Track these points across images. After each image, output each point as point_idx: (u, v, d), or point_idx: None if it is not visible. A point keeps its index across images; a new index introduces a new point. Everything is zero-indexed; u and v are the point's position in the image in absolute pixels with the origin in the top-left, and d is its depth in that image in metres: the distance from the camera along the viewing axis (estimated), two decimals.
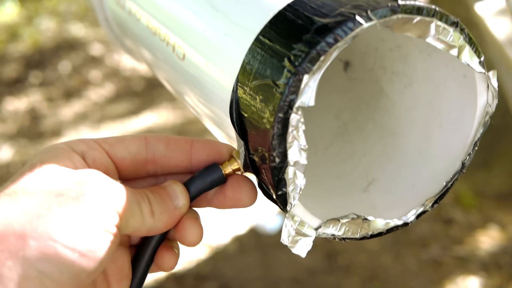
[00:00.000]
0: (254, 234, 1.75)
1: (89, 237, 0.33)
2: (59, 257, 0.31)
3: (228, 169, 0.40)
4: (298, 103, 0.34)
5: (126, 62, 2.92)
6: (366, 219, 0.40)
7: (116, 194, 0.35)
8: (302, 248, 0.39)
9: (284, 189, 0.36)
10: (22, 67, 2.95)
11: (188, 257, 1.66)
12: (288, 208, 0.37)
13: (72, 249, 0.32)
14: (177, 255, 0.41)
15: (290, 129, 0.34)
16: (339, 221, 0.39)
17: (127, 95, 2.66)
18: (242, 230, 1.77)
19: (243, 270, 1.64)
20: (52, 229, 0.32)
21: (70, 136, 2.35)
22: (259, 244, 1.72)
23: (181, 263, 1.64)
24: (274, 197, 0.38)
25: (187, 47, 0.45)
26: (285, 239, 0.38)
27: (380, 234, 0.41)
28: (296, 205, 0.37)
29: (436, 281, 1.58)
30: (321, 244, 1.72)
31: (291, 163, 0.35)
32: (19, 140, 2.36)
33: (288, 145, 0.35)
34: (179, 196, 0.38)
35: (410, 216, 0.42)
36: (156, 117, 2.47)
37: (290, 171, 0.35)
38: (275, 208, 1.83)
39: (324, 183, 0.48)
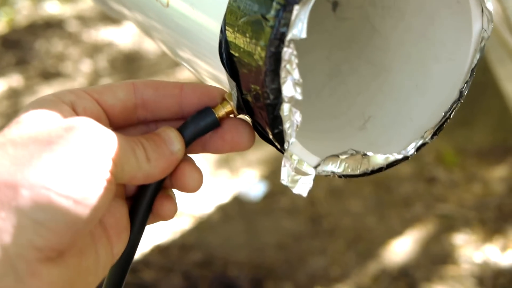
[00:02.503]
0: (238, 202, 1.75)
1: (83, 183, 0.31)
2: (53, 205, 0.30)
3: (221, 112, 0.39)
4: (289, 36, 0.33)
5: (104, 37, 2.88)
6: (365, 154, 0.39)
7: (109, 140, 0.34)
8: (302, 187, 0.38)
9: (280, 127, 0.35)
10: None
11: (172, 228, 1.65)
12: (285, 146, 0.36)
13: (66, 196, 0.31)
14: (175, 203, 0.40)
15: (283, 64, 0.33)
16: (338, 157, 0.39)
17: (106, 70, 2.63)
18: (225, 198, 1.76)
19: (228, 238, 1.64)
20: (44, 177, 0.31)
21: None
22: (242, 212, 1.72)
23: (165, 234, 1.63)
24: (271, 136, 0.37)
25: None
26: (284, 179, 0.37)
27: (380, 169, 0.40)
28: (293, 143, 0.36)
29: (421, 240, 1.59)
30: (304, 208, 1.72)
31: (286, 99, 0.34)
32: None
33: (282, 81, 0.34)
34: (174, 141, 0.38)
35: (410, 150, 0.41)
36: None
37: (285, 107, 0.35)
38: (258, 175, 1.83)
39: (319, 124, 0.47)
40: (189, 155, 0.41)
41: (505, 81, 1.32)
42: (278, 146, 0.37)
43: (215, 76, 0.43)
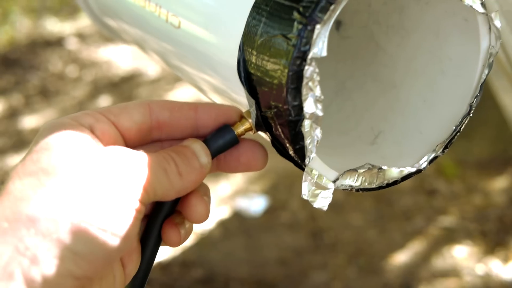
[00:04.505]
0: (238, 218, 1.74)
1: (117, 215, 0.33)
2: (91, 238, 0.32)
3: (240, 130, 0.40)
4: (311, 54, 0.34)
5: (103, 54, 2.89)
6: (381, 168, 0.40)
7: (139, 167, 0.34)
8: (322, 201, 0.39)
9: (301, 143, 0.36)
10: None
11: None
12: (306, 162, 0.37)
13: (103, 229, 0.32)
14: (179, 232, 0.40)
15: (304, 81, 0.34)
16: (356, 171, 0.40)
17: (106, 88, 2.63)
18: (226, 214, 1.76)
19: (229, 254, 1.63)
20: (82, 210, 0.32)
21: None
22: (243, 227, 1.71)
23: (166, 251, 1.63)
24: (291, 152, 0.37)
25: (182, 14, 0.44)
26: (305, 194, 0.38)
27: (395, 182, 0.41)
28: (314, 158, 0.37)
29: (422, 253, 1.58)
30: (305, 223, 1.72)
31: (307, 115, 0.35)
32: None
33: (303, 98, 0.35)
34: (202, 153, 0.38)
35: (423, 163, 0.42)
36: None
37: (306, 123, 0.35)
38: (258, 190, 1.83)
39: (331, 140, 0.48)
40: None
41: (502, 93, 1.32)
42: (298, 162, 0.38)
43: (229, 95, 0.43)
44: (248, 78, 0.38)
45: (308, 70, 0.34)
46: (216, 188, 1.84)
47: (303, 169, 0.38)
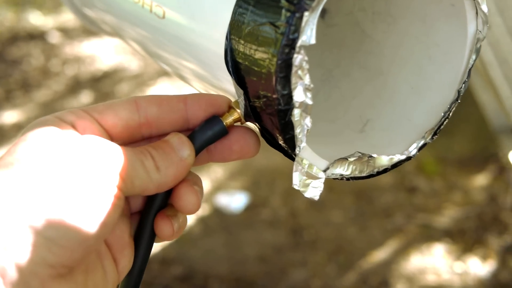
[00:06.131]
0: (219, 214, 1.74)
1: (92, 201, 0.32)
2: (65, 224, 0.31)
3: (228, 120, 0.39)
4: (300, 42, 0.33)
5: (87, 48, 2.87)
6: (371, 156, 0.40)
7: (115, 155, 0.34)
8: (313, 191, 0.38)
9: (291, 132, 0.36)
10: None
11: None
12: (296, 151, 0.37)
13: (77, 214, 0.31)
14: (171, 224, 0.39)
15: (293, 70, 0.34)
16: (346, 160, 0.39)
17: (88, 82, 2.61)
18: (206, 211, 1.76)
19: (209, 251, 1.63)
20: (56, 196, 0.31)
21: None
22: (223, 224, 1.71)
23: None
24: (281, 142, 0.37)
25: (167, 4, 0.43)
26: (296, 184, 0.38)
27: (385, 170, 0.41)
28: (304, 147, 0.37)
29: (401, 250, 1.59)
30: (286, 220, 1.71)
31: (297, 104, 0.35)
32: None
33: (292, 87, 0.34)
34: (183, 146, 0.37)
35: (412, 150, 0.42)
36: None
37: (296, 113, 0.35)
38: (238, 187, 1.82)
39: (319, 129, 0.47)
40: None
41: (479, 90, 1.32)
42: (288, 152, 0.38)
43: (216, 84, 0.42)
44: (236, 67, 0.37)
45: (297, 58, 0.33)
46: None
47: (293, 159, 0.38)
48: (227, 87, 0.40)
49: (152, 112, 0.38)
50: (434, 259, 1.55)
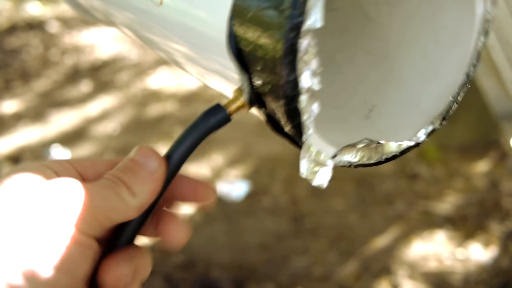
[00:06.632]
0: (220, 203, 1.74)
1: (61, 250, 0.32)
2: (33, 274, 0.31)
3: (232, 108, 0.38)
4: (305, 26, 0.32)
5: (85, 38, 2.86)
6: (379, 143, 0.39)
7: (84, 194, 0.34)
8: (322, 179, 0.37)
9: (298, 119, 0.35)
10: None
11: None
12: (303, 139, 0.36)
13: (45, 265, 0.31)
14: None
15: (299, 55, 0.33)
16: (355, 147, 0.38)
17: (87, 72, 2.60)
18: None
19: (210, 239, 1.63)
20: (22, 245, 0.31)
21: (31, 117, 2.30)
22: (225, 212, 1.71)
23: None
24: (287, 129, 0.36)
25: None
26: (303, 172, 0.37)
27: (394, 157, 0.40)
28: (311, 134, 0.36)
29: (403, 237, 1.59)
30: (287, 207, 1.71)
31: (303, 90, 0.34)
32: None
33: (298, 72, 0.33)
34: (149, 159, 0.37)
35: (421, 136, 0.41)
36: (117, 92, 2.43)
37: (303, 99, 0.34)
38: (240, 175, 1.82)
39: (324, 115, 0.47)
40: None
41: (481, 76, 1.31)
42: (295, 139, 0.37)
43: (219, 72, 0.41)
44: (239, 54, 0.36)
45: (303, 42, 0.32)
46: (197, 173, 1.83)
47: (299, 146, 0.37)
48: (230, 75, 0.39)
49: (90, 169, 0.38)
50: (435, 246, 1.55)
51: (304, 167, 0.37)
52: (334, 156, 0.38)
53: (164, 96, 2.36)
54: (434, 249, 1.54)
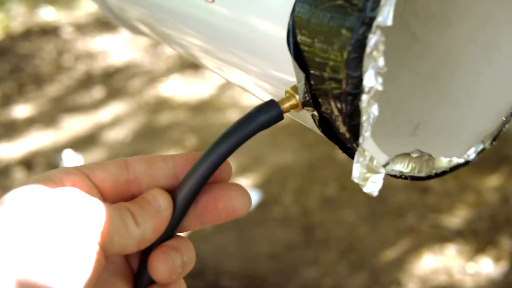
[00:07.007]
0: None
1: (71, 261, 0.31)
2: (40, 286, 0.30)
3: (285, 106, 0.37)
4: (377, 22, 0.31)
5: (99, 44, 2.88)
6: (430, 156, 0.38)
7: (95, 211, 0.33)
8: (373, 186, 0.36)
9: (357, 119, 0.33)
10: None
11: None
12: (360, 141, 0.34)
13: (54, 276, 0.30)
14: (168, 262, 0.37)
15: (368, 51, 0.31)
16: (408, 156, 0.37)
17: (100, 78, 2.62)
18: None
19: (220, 248, 1.63)
20: (23, 261, 0.30)
21: (43, 122, 2.31)
22: (235, 221, 1.71)
23: None
24: (343, 130, 0.35)
25: None
26: (356, 176, 0.35)
27: (444, 172, 0.39)
28: (367, 138, 0.34)
29: (413, 250, 1.58)
30: (297, 218, 1.71)
31: (366, 89, 0.32)
32: None
33: (364, 69, 0.32)
34: (159, 199, 0.36)
35: (471, 154, 0.40)
36: (130, 99, 2.44)
37: (364, 98, 0.33)
38: (250, 184, 1.82)
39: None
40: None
41: None
42: (348, 142, 0.36)
43: (270, 73, 0.40)
44: (298, 49, 0.35)
45: (373, 38, 0.31)
46: None
47: (350, 152, 0.36)
48: (282, 76, 0.38)
49: (141, 169, 0.38)
50: (446, 260, 1.55)
51: (357, 172, 0.35)
52: (386, 164, 0.37)
53: (176, 104, 2.37)
54: (445, 262, 1.54)
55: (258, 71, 0.42)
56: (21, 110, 2.41)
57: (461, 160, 0.39)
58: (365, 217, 1.69)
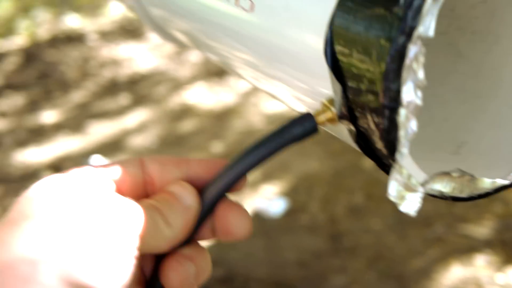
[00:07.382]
0: (258, 219, 1.75)
1: (110, 264, 0.31)
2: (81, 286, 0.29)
3: (321, 118, 0.36)
4: (418, 32, 0.30)
5: (124, 52, 2.91)
6: (472, 176, 0.36)
7: (135, 215, 0.33)
8: (410, 205, 0.35)
9: (394, 134, 0.32)
10: (20, 60, 2.94)
11: None
12: (397, 157, 0.33)
13: (97, 278, 0.30)
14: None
15: (407, 62, 0.30)
16: (447, 175, 0.35)
17: (125, 85, 2.65)
18: None
19: (249, 255, 1.64)
20: (68, 258, 0.30)
21: (70, 127, 2.34)
22: (263, 229, 1.72)
23: None
24: (379, 146, 0.33)
25: None
26: (392, 194, 0.34)
27: (487, 194, 0.37)
28: (405, 154, 0.33)
29: (441, 260, 1.58)
30: (325, 226, 1.72)
31: (405, 103, 0.31)
32: (18, 133, 2.36)
33: (402, 81, 0.30)
34: (186, 194, 0.36)
35: None
36: (155, 106, 2.47)
37: (402, 113, 0.31)
38: (278, 191, 1.83)
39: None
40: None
41: None
42: (385, 159, 0.34)
43: (305, 85, 0.39)
44: (335, 60, 0.34)
45: (412, 49, 0.30)
46: None
47: (386, 169, 0.35)
48: (317, 88, 0.38)
49: (155, 169, 0.38)
50: (475, 270, 1.54)
51: (394, 189, 0.34)
52: (425, 183, 0.35)
53: (201, 111, 2.39)
54: (473, 273, 1.54)
55: (293, 82, 0.42)
56: (49, 116, 2.45)
57: (506, 182, 0.38)
58: (393, 226, 1.70)
